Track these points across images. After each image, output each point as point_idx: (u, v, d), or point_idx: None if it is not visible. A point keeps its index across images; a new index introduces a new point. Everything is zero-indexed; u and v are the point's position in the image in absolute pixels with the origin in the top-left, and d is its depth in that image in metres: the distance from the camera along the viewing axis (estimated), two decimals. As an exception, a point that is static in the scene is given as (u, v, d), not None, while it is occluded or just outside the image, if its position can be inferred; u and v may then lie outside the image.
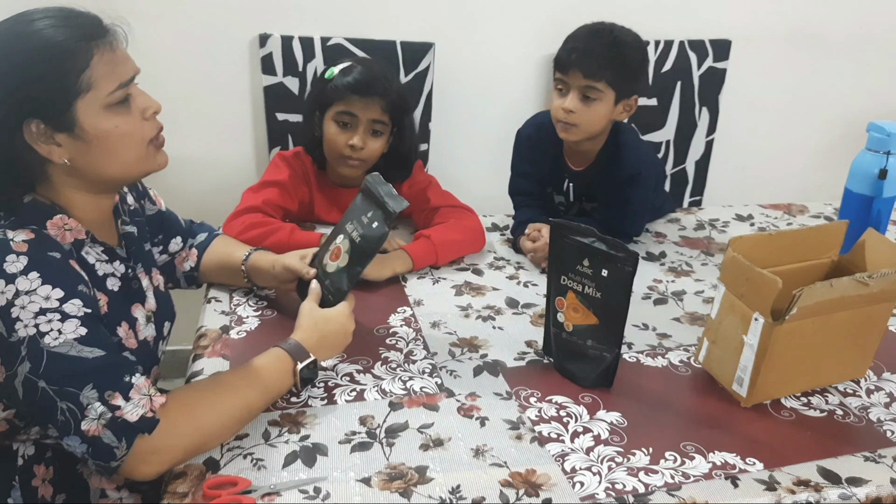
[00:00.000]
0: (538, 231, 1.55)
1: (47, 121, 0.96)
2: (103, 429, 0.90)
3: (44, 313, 0.91)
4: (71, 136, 0.97)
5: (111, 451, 0.90)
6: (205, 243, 1.38)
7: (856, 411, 1.14)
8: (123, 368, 0.94)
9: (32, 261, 0.92)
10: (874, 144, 1.47)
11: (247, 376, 1.05)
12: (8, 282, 0.90)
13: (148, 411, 0.92)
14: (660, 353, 1.26)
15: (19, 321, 0.90)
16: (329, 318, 1.16)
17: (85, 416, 0.90)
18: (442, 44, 2.12)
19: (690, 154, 2.40)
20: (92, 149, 0.99)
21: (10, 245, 0.93)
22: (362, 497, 0.94)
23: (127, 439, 0.91)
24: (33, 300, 0.91)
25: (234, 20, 2.02)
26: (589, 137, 1.57)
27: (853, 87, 2.49)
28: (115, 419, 0.90)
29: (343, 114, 1.55)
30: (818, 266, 1.25)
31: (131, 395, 0.92)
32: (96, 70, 0.96)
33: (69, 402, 0.90)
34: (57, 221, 0.99)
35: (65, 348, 0.90)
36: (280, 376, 1.07)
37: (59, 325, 0.91)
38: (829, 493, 0.97)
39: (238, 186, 1.64)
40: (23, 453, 1.04)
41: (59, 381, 0.90)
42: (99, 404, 0.90)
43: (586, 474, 0.98)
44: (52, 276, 0.93)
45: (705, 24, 2.28)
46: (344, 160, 1.58)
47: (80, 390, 0.90)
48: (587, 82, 1.49)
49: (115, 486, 1.10)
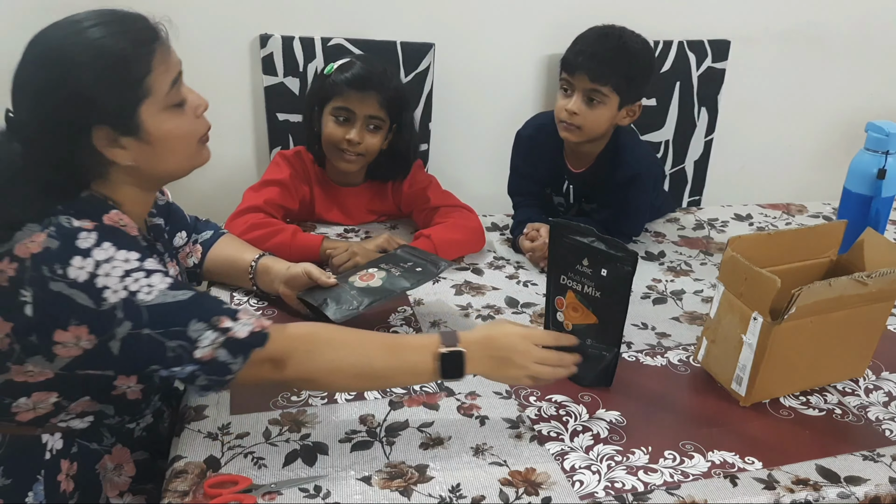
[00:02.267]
0: (537, 231, 1.56)
1: (115, 126, 0.99)
2: (216, 350, 0.94)
3: (129, 274, 0.93)
4: (136, 140, 1.00)
5: (226, 367, 0.95)
6: (210, 241, 1.39)
7: (854, 410, 1.14)
8: (219, 301, 1.00)
9: (102, 233, 0.95)
10: (873, 144, 1.47)
11: (384, 338, 1.08)
12: (85, 256, 0.92)
13: (257, 327, 0.96)
14: (659, 352, 1.27)
15: (107, 289, 0.92)
16: (504, 332, 1.06)
17: (197, 346, 0.93)
18: (442, 44, 2.12)
19: (689, 154, 2.40)
20: (155, 150, 1.02)
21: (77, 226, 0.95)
22: (363, 496, 0.94)
23: (243, 354, 0.95)
24: (115, 265, 0.93)
25: (234, 21, 2.02)
26: (590, 140, 1.57)
27: (852, 87, 2.49)
28: (228, 340, 0.94)
29: (340, 109, 1.56)
30: (817, 265, 1.25)
31: (239, 315, 0.97)
32: (156, 73, 0.99)
33: (178, 339, 0.93)
34: (113, 216, 1.00)
35: (161, 298, 0.93)
36: (419, 352, 1.02)
37: (147, 280, 0.94)
38: (828, 492, 0.97)
39: (239, 186, 1.65)
40: (51, 447, 1.05)
41: (163, 325, 0.93)
42: (210, 332, 0.94)
43: (586, 473, 0.99)
44: (124, 243, 0.96)
45: (704, 25, 2.28)
46: (341, 154, 1.58)
47: (185, 327, 0.93)
48: (592, 86, 1.49)
49: (119, 491, 1.11)
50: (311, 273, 1.28)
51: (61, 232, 0.93)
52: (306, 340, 1.01)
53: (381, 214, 1.74)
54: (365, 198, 1.71)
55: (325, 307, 1.25)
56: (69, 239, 0.93)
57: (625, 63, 1.49)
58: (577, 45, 1.53)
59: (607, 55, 1.49)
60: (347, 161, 1.59)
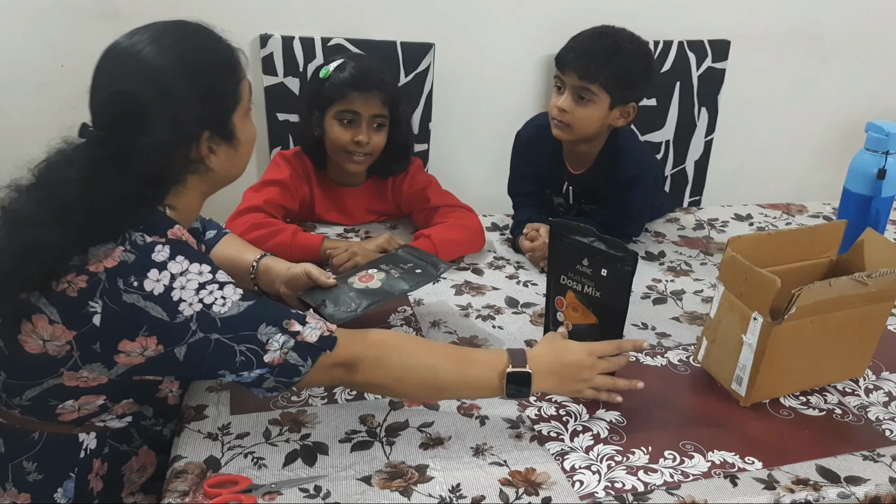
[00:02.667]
0: (536, 231, 1.56)
1: (215, 131, 1.01)
2: (286, 354, 0.96)
3: (203, 287, 0.95)
4: (228, 145, 1.03)
5: (296, 369, 0.97)
6: (213, 240, 1.39)
7: (855, 410, 1.14)
8: (286, 307, 1.02)
9: (174, 247, 0.96)
10: (873, 144, 1.47)
11: (452, 351, 1.09)
12: (161, 269, 0.94)
13: (325, 331, 0.99)
14: (659, 352, 1.27)
15: (182, 301, 0.93)
16: (569, 349, 1.08)
17: (267, 350, 0.96)
18: (442, 44, 2.12)
19: (689, 154, 2.40)
20: (237, 155, 1.06)
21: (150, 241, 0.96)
22: (363, 496, 0.94)
23: (312, 357, 0.97)
24: (190, 279, 0.95)
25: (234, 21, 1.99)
26: (582, 139, 1.57)
27: (852, 87, 2.49)
28: (299, 343, 0.97)
29: (345, 112, 1.56)
30: (817, 265, 1.25)
31: (308, 320, 0.99)
32: (244, 80, 1.05)
33: (248, 343, 0.95)
34: (176, 231, 1.00)
35: (235, 309, 0.95)
36: (486, 368, 1.05)
37: (220, 292, 0.96)
38: (828, 491, 0.97)
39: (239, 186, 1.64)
40: (86, 446, 1.05)
41: (233, 329, 0.95)
42: (279, 335, 0.96)
43: (586, 473, 0.99)
44: (196, 256, 0.97)
45: (704, 25, 2.29)
46: (349, 156, 1.58)
47: (255, 331, 0.95)
48: (581, 83, 1.49)
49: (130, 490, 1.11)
50: (310, 273, 1.29)
51: (136, 247, 0.94)
52: (376, 347, 1.03)
53: (381, 214, 1.74)
54: (365, 198, 1.71)
55: (322, 308, 1.25)
56: (145, 253, 0.94)
57: (615, 62, 1.49)
58: (570, 43, 1.53)
59: (597, 53, 1.48)
60: (356, 163, 1.59)
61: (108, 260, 0.93)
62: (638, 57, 1.53)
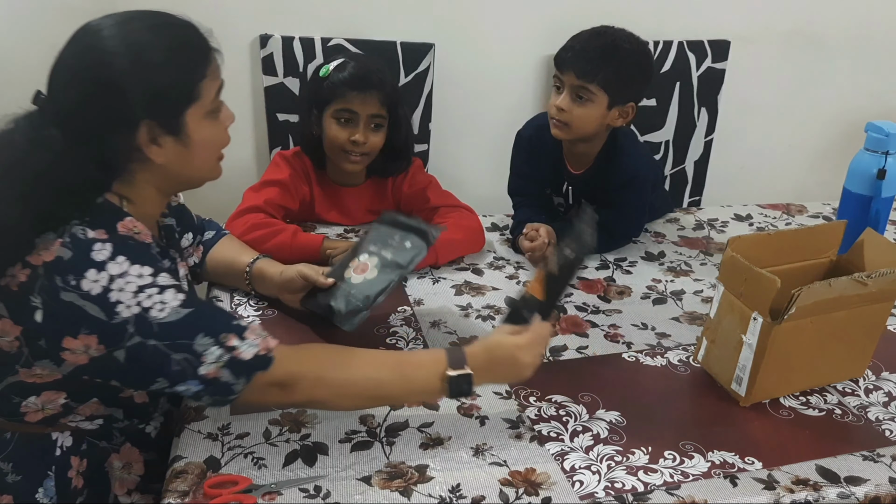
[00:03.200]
0: (536, 231, 1.56)
1: (162, 124, 0.99)
2: (220, 370, 0.94)
3: (142, 290, 0.93)
4: (176, 141, 1.01)
5: (229, 387, 0.95)
6: (211, 241, 1.39)
7: (854, 410, 1.14)
8: (229, 315, 1.00)
9: (117, 245, 0.95)
10: (872, 144, 1.47)
11: (393, 357, 1.07)
12: (100, 269, 0.92)
13: (262, 349, 0.96)
14: (659, 352, 1.27)
15: (120, 303, 0.92)
16: (501, 345, 1.06)
17: (202, 362, 0.93)
18: (442, 44, 2.12)
19: (689, 154, 2.40)
20: (188, 153, 1.03)
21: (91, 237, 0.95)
22: (363, 496, 0.94)
23: (246, 376, 0.95)
24: (129, 280, 0.93)
25: (235, 21, 2.02)
26: (581, 138, 1.57)
27: (852, 87, 2.49)
28: (233, 359, 0.94)
29: (343, 111, 1.56)
30: (817, 266, 1.25)
31: (246, 335, 0.96)
32: (208, 79, 1.01)
33: (183, 352, 0.93)
34: (127, 223, 1.00)
35: (173, 316, 0.93)
36: (427, 375, 1.02)
37: (160, 296, 0.94)
38: (828, 492, 0.97)
39: (239, 186, 1.65)
40: (61, 444, 1.05)
41: (171, 338, 0.93)
42: (216, 348, 0.93)
43: (586, 473, 0.99)
44: (137, 257, 0.95)
45: (704, 25, 2.28)
46: (346, 155, 1.58)
47: (192, 340, 0.93)
48: (579, 82, 1.49)
49: (126, 489, 1.11)
50: (305, 275, 1.28)
51: (75, 242, 0.93)
52: (315, 364, 1.01)
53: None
54: (365, 198, 1.71)
55: (332, 316, 1.24)
56: (84, 250, 0.93)
57: (613, 62, 1.49)
58: (569, 43, 1.53)
59: (596, 53, 1.48)
60: (353, 162, 1.59)
61: (46, 253, 0.92)
62: (636, 57, 1.53)
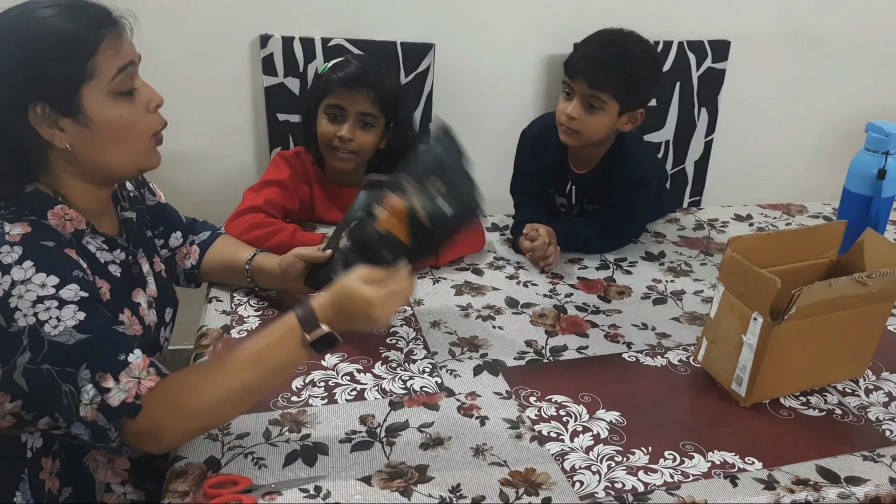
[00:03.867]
0: (536, 231, 1.56)
1: (53, 104, 0.97)
2: (96, 413, 0.92)
3: (41, 301, 0.92)
4: (75, 122, 0.99)
5: (105, 433, 0.92)
6: (207, 241, 1.39)
7: (854, 411, 1.14)
8: (119, 346, 0.95)
9: (26, 250, 0.94)
10: (873, 144, 1.47)
11: (246, 356, 0.98)
12: (4, 272, 0.91)
13: (130, 396, 0.92)
14: (659, 352, 1.27)
15: (18, 311, 0.91)
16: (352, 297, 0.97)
17: (80, 401, 0.91)
18: (442, 45, 2.12)
19: (690, 154, 2.40)
20: (94, 136, 1.00)
21: (4, 237, 0.94)
22: (363, 496, 0.94)
23: (114, 423, 0.92)
24: (30, 289, 0.92)
25: (235, 21, 2.02)
26: (590, 144, 1.57)
27: (852, 87, 2.49)
28: (104, 403, 0.91)
29: (332, 107, 1.56)
30: (817, 266, 1.25)
31: (121, 377, 0.92)
32: (102, 56, 0.98)
33: (70, 383, 0.91)
34: (58, 211, 1.00)
35: (64, 337, 0.92)
36: (287, 351, 0.97)
37: (57, 312, 0.92)
38: (828, 492, 0.97)
39: (239, 186, 1.65)
40: (31, 445, 1.05)
41: (60, 362, 0.91)
42: (91, 386, 0.91)
43: (586, 473, 0.99)
44: (45, 264, 0.94)
45: (704, 25, 2.28)
46: (334, 152, 1.59)
47: (77, 370, 0.91)
48: (592, 92, 1.49)
49: (121, 480, 1.11)
50: (302, 255, 1.27)
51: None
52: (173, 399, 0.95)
53: None
54: (364, 198, 1.71)
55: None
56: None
57: (626, 71, 1.49)
58: (580, 50, 1.52)
59: (608, 62, 1.48)
60: (340, 159, 1.59)
61: None
62: (647, 63, 1.53)
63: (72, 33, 0.97)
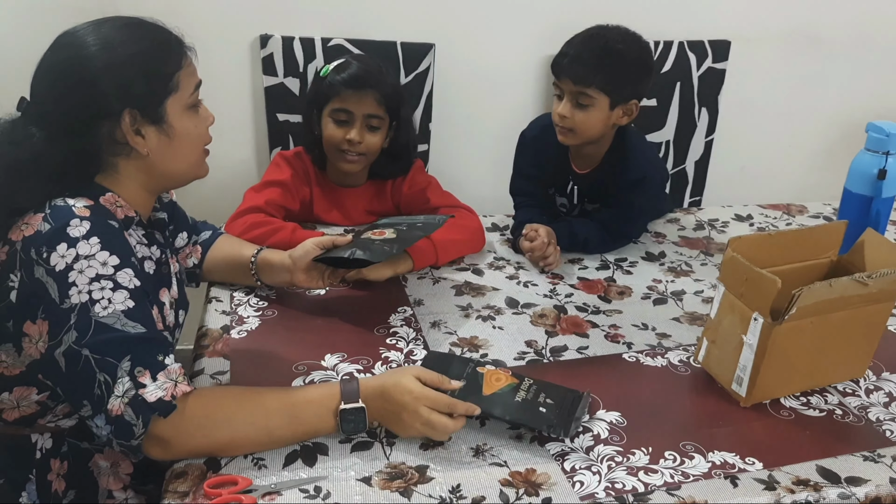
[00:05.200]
0: (535, 231, 1.56)
1: (143, 112, 1.03)
2: (125, 407, 0.92)
3: (98, 279, 0.94)
4: (158, 130, 1.05)
5: (130, 429, 0.92)
6: (209, 241, 1.39)
7: (855, 411, 1.14)
8: (161, 347, 0.97)
9: (94, 225, 0.96)
10: (873, 145, 1.47)
11: (283, 401, 1.01)
12: (70, 245, 0.93)
13: (168, 395, 0.94)
14: (659, 352, 1.27)
15: (74, 286, 0.92)
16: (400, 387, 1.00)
17: (112, 392, 0.92)
18: (442, 45, 2.12)
19: (690, 154, 2.40)
20: (172, 144, 1.07)
21: (72, 210, 0.97)
22: (363, 496, 0.94)
23: (143, 419, 0.92)
24: (91, 265, 0.94)
25: (235, 21, 2.02)
26: (588, 141, 1.57)
27: (852, 87, 2.49)
28: (137, 397, 0.92)
29: (339, 111, 1.56)
30: (817, 266, 1.25)
31: (159, 376, 0.94)
32: (184, 72, 1.07)
33: (107, 373, 0.92)
34: (109, 198, 1.03)
35: (111, 320, 0.93)
36: (319, 413, 1.00)
37: (111, 294, 0.94)
38: (829, 492, 0.97)
39: (239, 186, 1.65)
40: (41, 446, 1.05)
41: (101, 350, 0.92)
42: (128, 379, 0.92)
43: (586, 474, 0.99)
44: (110, 243, 0.96)
45: (704, 25, 2.28)
46: (342, 155, 1.58)
47: (118, 361, 0.92)
48: (578, 88, 1.50)
49: (122, 485, 1.11)
50: (321, 243, 1.31)
51: (55, 214, 0.95)
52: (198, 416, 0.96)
53: (380, 215, 1.74)
54: (364, 199, 1.71)
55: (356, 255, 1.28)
56: (63, 221, 0.94)
57: (608, 63, 1.48)
58: (563, 49, 1.53)
59: (589, 57, 1.48)
60: (349, 162, 1.59)
61: (28, 228, 0.94)
62: (631, 54, 1.52)
63: (164, 49, 1.05)
